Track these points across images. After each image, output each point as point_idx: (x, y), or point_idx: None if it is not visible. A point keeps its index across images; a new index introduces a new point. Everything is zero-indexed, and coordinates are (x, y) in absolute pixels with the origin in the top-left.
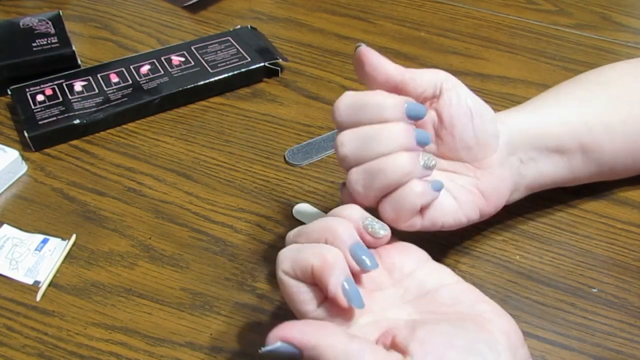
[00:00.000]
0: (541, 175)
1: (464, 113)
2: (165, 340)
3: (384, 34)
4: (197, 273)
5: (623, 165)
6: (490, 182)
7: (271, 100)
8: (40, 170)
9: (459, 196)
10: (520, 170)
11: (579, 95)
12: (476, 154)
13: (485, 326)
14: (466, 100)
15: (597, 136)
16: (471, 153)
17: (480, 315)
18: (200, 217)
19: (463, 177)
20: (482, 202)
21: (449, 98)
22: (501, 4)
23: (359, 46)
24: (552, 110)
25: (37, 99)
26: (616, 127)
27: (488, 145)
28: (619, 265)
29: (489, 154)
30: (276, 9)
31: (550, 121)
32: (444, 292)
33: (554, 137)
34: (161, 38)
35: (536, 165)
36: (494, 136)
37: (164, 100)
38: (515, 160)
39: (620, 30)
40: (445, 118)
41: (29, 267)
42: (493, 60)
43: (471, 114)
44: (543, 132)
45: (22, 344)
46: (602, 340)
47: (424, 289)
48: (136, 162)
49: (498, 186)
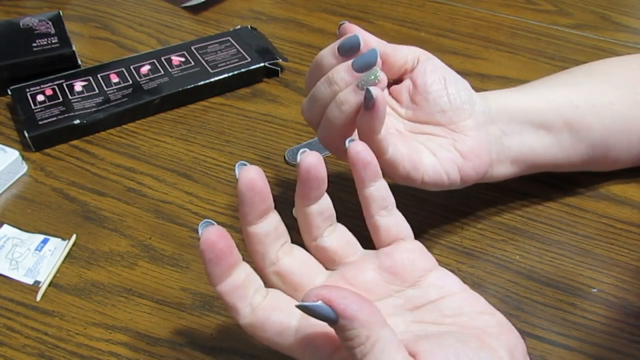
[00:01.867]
0: (530, 150)
1: (438, 79)
2: (165, 340)
3: (384, 34)
4: (197, 273)
5: (617, 149)
6: (466, 142)
7: (271, 100)
8: (40, 170)
9: (437, 153)
10: (503, 141)
11: (567, 81)
12: (451, 117)
13: (488, 342)
14: (441, 70)
15: (584, 114)
16: (446, 116)
17: (483, 330)
18: (200, 217)
19: (440, 138)
20: (461, 161)
21: (423, 67)
22: (501, 4)
23: (342, 23)
24: (537, 90)
25: (37, 99)
26: (604, 108)
27: (462, 110)
28: (619, 265)
29: (464, 117)
30: (276, 9)
31: (534, 98)
32: (447, 302)
33: (538, 113)
34: (161, 38)
35: (521, 138)
36: (468, 102)
37: (164, 100)
38: (495, 130)
39: (620, 30)
40: (420, 84)
41: (29, 267)
42: (493, 60)
43: (445, 81)
44: (525, 107)
45: (22, 344)
46: (602, 340)
47: (427, 299)
48: (136, 162)
49: (475, 147)
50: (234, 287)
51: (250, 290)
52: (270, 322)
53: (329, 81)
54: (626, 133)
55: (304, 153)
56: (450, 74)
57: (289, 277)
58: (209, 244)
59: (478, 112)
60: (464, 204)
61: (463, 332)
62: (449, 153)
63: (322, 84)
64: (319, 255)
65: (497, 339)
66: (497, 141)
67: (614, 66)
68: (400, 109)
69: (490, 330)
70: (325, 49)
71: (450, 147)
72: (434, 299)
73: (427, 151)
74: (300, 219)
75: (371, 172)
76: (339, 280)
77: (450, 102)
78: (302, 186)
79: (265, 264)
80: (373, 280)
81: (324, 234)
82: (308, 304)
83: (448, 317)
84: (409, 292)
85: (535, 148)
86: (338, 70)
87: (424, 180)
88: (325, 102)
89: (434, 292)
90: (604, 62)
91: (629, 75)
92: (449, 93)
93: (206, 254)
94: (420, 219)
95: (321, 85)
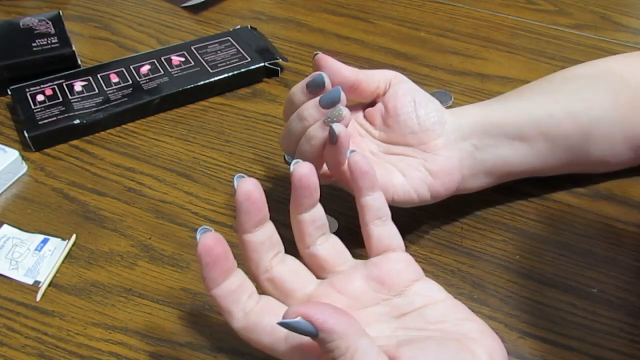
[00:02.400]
0: (504, 161)
1: (408, 102)
2: (165, 340)
3: (384, 34)
4: (197, 273)
5: (600, 151)
6: (436, 162)
7: (271, 100)
8: (40, 170)
9: (407, 173)
10: (476, 155)
11: (543, 89)
12: (421, 138)
13: (468, 346)
14: (411, 93)
15: (559, 122)
16: (416, 137)
17: (464, 334)
18: (200, 217)
19: (411, 159)
20: (431, 180)
21: (394, 91)
22: (501, 4)
23: (316, 54)
24: (511, 101)
25: (37, 99)
26: (581, 114)
27: (432, 130)
28: (619, 265)
29: (434, 137)
30: (276, 9)
31: (507, 111)
32: (430, 309)
33: (511, 125)
34: (161, 38)
35: (496, 151)
36: (438, 123)
37: (164, 100)
38: (467, 146)
39: (620, 30)
40: (391, 107)
41: (29, 267)
42: (493, 60)
43: (414, 104)
44: (498, 121)
45: (22, 344)
46: (602, 340)
47: (412, 307)
48: (136, 162)
49: (445, 166)
50: (228, 292)
51: (244, 295)
52: (262, 326)
53: (299, 117)
54: (607, 136)
55: (297, 163)
56: (421, 96)
57: (281, 284)
58: (206, 249)
59: (448, 131)
60: (464, 204)
61: (445, 337)
62: (419, 172)
63: (294, 119)
64: (311, 262)
65: (477, 343)
66: (470, 156)
67: (594, 69)
68: (374, 130)
69: (471, 335)
70: (296, 86)
71: (420, 166)
72: (419, 306)
73: (398, 172)
74: (294, 227)
75: (368, 181)
76: (328, 288)
77: (420, 124)
78: (295, 195)
79: (259, 271)
80: (361, 289)
81: (317, 242)
82: (288, 321)
83: (431, 324)
84: (395, 301)
85: (509, 159)
86: (307, 107)
87: (394, 199)
88: (297, 135)
89: (418, 300)
90: (584, 66)
91: (609, 78)
92: (418, 115)
93: (203, 258)
94: (420, 219)
95: (293, 121)
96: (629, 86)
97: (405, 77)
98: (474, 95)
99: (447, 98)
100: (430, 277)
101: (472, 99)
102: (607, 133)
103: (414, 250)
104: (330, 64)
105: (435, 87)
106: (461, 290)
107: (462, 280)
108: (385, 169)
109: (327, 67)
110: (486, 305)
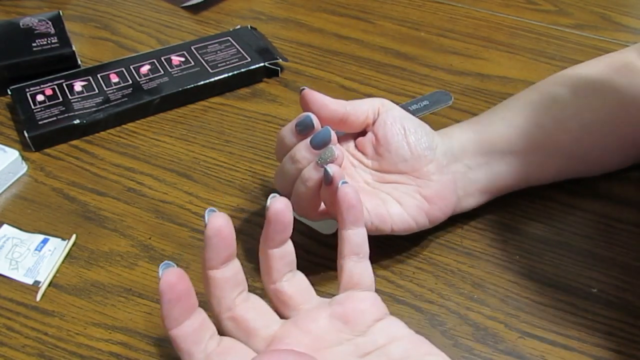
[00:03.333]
0: (498, 178)
1: (398, 130)
2: (165, 340)
3: (384, 34)
4: (196, 273)
5: (596, 154)
6: (431, 187)
7: (271, 100)
8: (40, 170)
9: (403, 201)
10: (469, 176)
11: (531, 99)
12: (413, 165)
13: None
14: (400, 120)
15: (550, 132)
16: (408, 164)
17: None
18: (200, 217)
19: (405, 186)
20: (426, 206)
21: (383, 120)
22: (501, 4)
23: (302, 89)
24: (500, 116)
25: (37, 99)
26: (571, 121)
27: (423, 157)
28: (619, 265)
29: (426, 163)
30: (276, 9)
31: (497, 126)
32: (394, 347)
33: (503, 141)
34: (161, 38)
35: (489, 168)
36: (429, 149)
37: (164, 100)
38: (460, 167)
39: (620, 30)
40: (381, 137)
41: (29, 267)
42: (493, 60)
43: (404, 132)
44: (489, 138)
45: (22, 344)
46: (602, 340)
47: (376, 345)
48: (136, 162)
49: (440, 191)
50: (190, 332)
51: (205, 335)
52: None
53: (292, 159)
54: (599, 139)
55: (274, 198)
56: (410, 122)
57: (244, 324)
58: (169, 285)
59: (440, 155)
60: None
61: None
62: (414, 200)
63: (287, 161)
64: (276, 298)
65: None
66: (463, 177)
67: (582, 73)
68: (366, 160)
69: None
70: (286, 127)
71: (415, 193)
72: (382, 344)
73: (394, 201)
74: (262, 261)
75: (353, 215)
76: (292, 327)
77: (412, 152)
78: (267, 229)
79: (222, 309)
80: (325, 328)
81: (283, 279)
82: None
83: None
84: (359, 340)
85: (503, 174)
86: (299, 149)
87: (393, 229)
88: (292, 177)
89: (381, 339)
90: (572, 70)
91: (597, 80)
92: (409, 142)
93: (165, 295)
94: None
95: (286, 163)
96: (614, 86)
97: (392, 103)
98: (474, 95)
99: (447, 98)
100: (431, 277)
101: (472, 99)
102: (600, 136)
103: (414, 251)
104: (317, 99)
105: (435, 87)
106: (461, 290)
107: (462, 280)
108: (381, 199)
109: (313, 103)
110: (486, 305)
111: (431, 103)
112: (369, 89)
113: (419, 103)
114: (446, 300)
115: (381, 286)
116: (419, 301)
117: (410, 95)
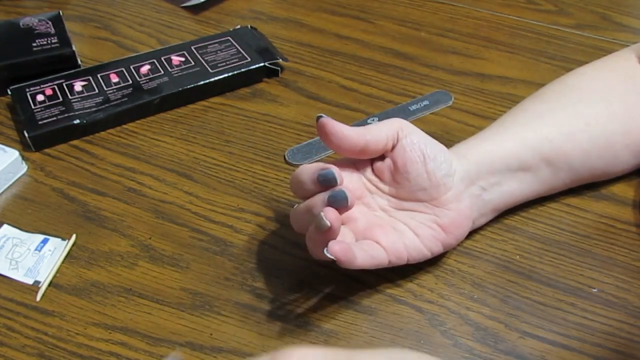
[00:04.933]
0: (509, 195)
1: (417, 158)
2: (165, 340)
3: (384, 34)
4: (197, 273)
5: (603, 164)
6: (448, 216)
7: (271, 100)
8: (40, 170)
9: (419, 232)
10: (484, 197)
11: (538, 110)
12: (432, 194)
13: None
14: (419, 146)
15: (559, 145)
16: (427, 193)
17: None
18: (200, 217)
19: (422, 215)
20: (443, 235)
21: (402, 146)
22: (501, 4)
23: (319, 117)
24: (509, 132)
25: (37, 99)
26: (580, 132)
27: (442, 185)
28: (619, 265)
29: (444, 192)
30: (276, 9)
31: (509, 143)
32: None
33: (514, 157)
34: (161, 38)
35: (501, 188)
36: (447, 176)
37: (164, 100)
38: (476, 190)
39: (620, 30)
40: (400, 164)
41: (29, 267)
42: (493, 60)
43: (424, 158)
44: (502, 155)
45: (22, 344)
46: (602, 340)
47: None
48: (136, 162)
49: (456, 220)
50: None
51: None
52: None
53: (308, 210)
54: (608, 148)
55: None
56: (429, 146)
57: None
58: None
59: (457, 181)
60: None
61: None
62: (431, 230)
63: (303, 209)
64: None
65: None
66: (478, 199)
67: (584, 79)
68: (383, 186)
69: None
70: (306, 170)
71: (432, 223)
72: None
73: (410, 232)
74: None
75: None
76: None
77: (430, 180)
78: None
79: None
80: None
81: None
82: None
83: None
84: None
85: (515, 191)
86: (316, 204)
87: (409, 260)
88: (307, 222)
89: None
90: (575, 75)
91: (600, 86)
92: (428, 170)
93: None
94: None
95: (302, 209)
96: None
97: (411, 126)
98: (474, 95)
99: (447, 98)
100: (431, 277)
101: (472, 99)
102: (608, 145)
103: None
104: (337, 130)
105: (435, 87)
106: (461, 290)
107: (462, 280)
108: (397, 230)
109: (334, 135)
110: (486, 305)
111: (431, 103)
112: (369, 89)
113: (419, 103)
114: (446, 300)
115: (381, 286)
116: (419, 301)
117: (410, 95)
